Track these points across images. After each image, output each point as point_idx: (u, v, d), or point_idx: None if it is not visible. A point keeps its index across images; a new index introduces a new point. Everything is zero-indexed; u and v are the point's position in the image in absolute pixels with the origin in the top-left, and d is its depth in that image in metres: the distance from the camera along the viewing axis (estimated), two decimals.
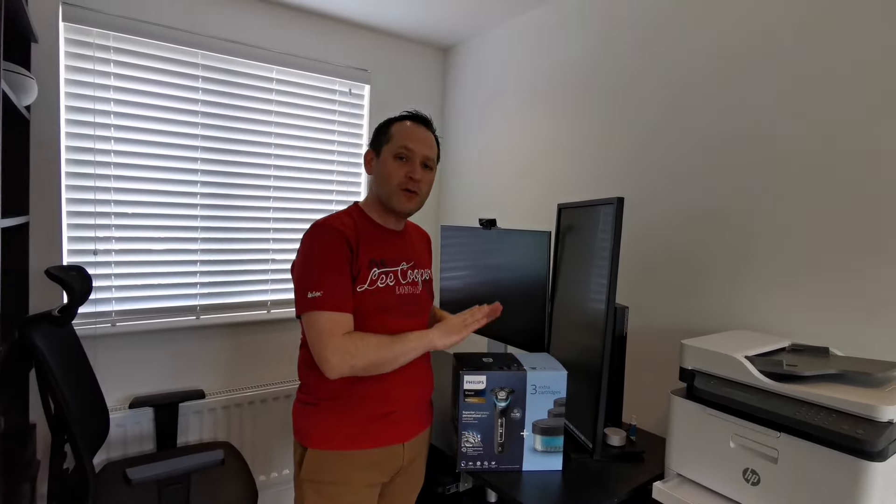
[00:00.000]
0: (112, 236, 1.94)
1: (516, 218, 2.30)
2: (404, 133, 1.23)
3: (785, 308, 1.38)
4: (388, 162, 1.22)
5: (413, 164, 1.22)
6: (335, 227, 1.17)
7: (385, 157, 1.23)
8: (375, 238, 1.24)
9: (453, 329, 1.20)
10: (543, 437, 1.31)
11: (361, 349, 1.10)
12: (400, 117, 1.28)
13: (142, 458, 1.87)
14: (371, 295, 1.18)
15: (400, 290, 1.24)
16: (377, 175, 1.25)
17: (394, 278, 1.23)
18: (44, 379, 1.44)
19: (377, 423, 1.20)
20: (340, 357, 1.08)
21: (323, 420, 1.20)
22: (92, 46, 1.85)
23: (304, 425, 1.22)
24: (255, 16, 2.17)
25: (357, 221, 1.23)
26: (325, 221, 1.19)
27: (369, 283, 1.18)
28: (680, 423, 1.19)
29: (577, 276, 1.52)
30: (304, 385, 1.26)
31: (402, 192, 1.22)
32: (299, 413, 1.25)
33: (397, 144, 1.22)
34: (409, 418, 1.26)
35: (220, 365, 2.20)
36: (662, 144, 1.68)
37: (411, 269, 1.29)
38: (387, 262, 1.23)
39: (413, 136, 1.23)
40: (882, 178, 1.21)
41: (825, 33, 1.30)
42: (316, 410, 1.21)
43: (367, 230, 1.23)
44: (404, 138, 1.23)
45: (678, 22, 1.63)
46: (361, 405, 1.19)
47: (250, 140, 2.21)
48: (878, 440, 0.86)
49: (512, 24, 2.30)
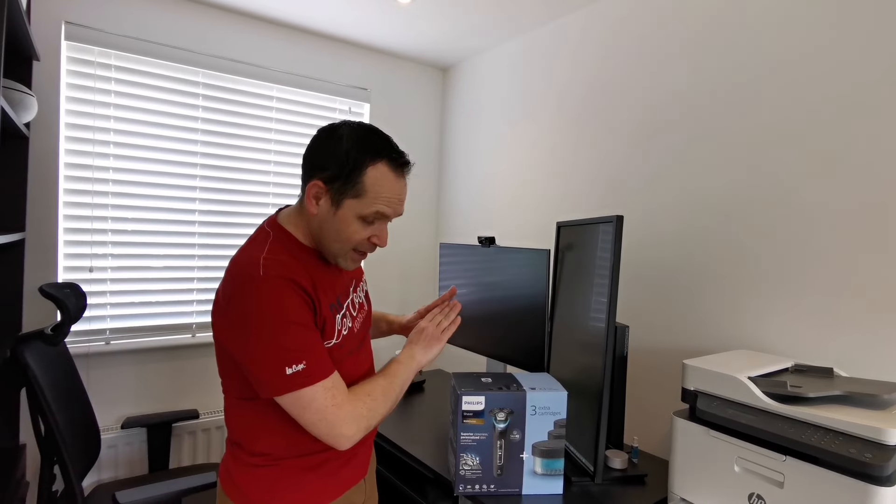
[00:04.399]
0: (108, 253, 1.93)
1: (515, 236, 2.29)
2: (383, 191, 0.94)
3: (787, 327, 1.36)
4: (349, 221, 0.94)
5: (382, 227, 0.99)
6: (286, 276, 0.89)
7: (346, 213, 0.94)
8: (325, 275, 1.00)
9: (432, 340, 1.10)
10: (543, 460, 1.28)
11: (372, 408, 0.96)
12: (376, 155, 0.93)
13: (133, 480, 1.83)
14: (338, 348, 0.99)
15: (356, 325, 1.07)
16: (328, 227, 0.96)
17: (350, 318, 1.05)
18: (35, 399, 1.42)
19: (346, 468, 1.05)
20: (355, 427, 0.92)
21: (287, 483, 0.97)
22: (93, 65, 1.86)
23: (260, 494, 0.96)
24: (256, 35, 2.19)
25: (301, 260, 0.96)
26: (266, 269, 0.88)
27: (336, 335, 0.98)
28: (683, 446, 1.17)
29: (576, 294, 1.50)
30: (251, 446, 0.97)
31: (354, 253, 0.99)
32: (250, 478, 0.97)
33: (370, 206, 0.93)
34: (367, 450, 1.13)
35: (214, 384, 2.16)
36: (662, 162, 1.68)
37: (354, 292, 1.11)
38: (341, 299, 1.03)
39: (393, 197, 0.96)
40: (885, 196, 1.20)
41: (827, 52, 1.31)
42: (276, 473, 0.97)
43: (316, 269, 0.98)
44: (382, 200, 0.94)
45: (676, 40, 1.65)
46: (332, 452, 1.01)
47: (250, 158, 2.22)
48: (886, 464, 0.84)
49: (510, 44, 2.33)
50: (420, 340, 1.10)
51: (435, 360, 1.15)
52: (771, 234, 1.40)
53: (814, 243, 1.32)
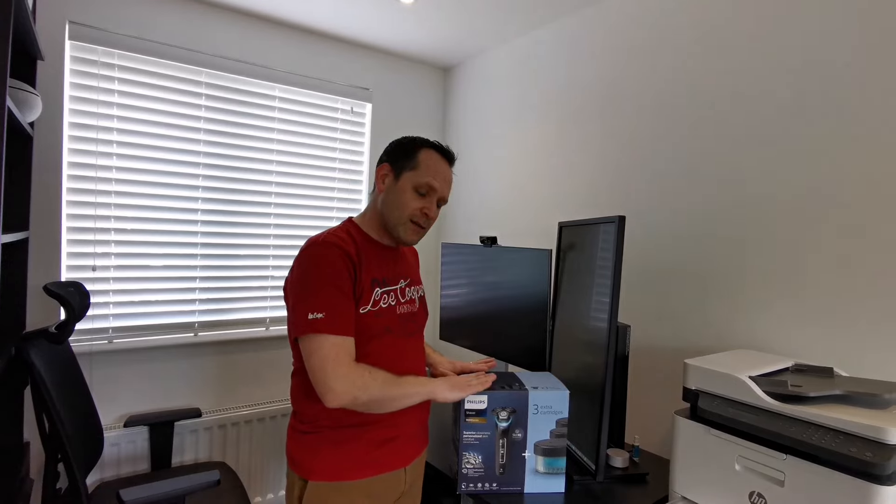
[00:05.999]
0: (111, 252, 1.93)
1: (517, 236, 2.30)
2: (433, 168, 1.18)
3: (788, 327, 1.37)
4: (406, 190, 1.16)
5: (431, 201, 1.18)
6: (337, 244, 1.10)
7: (404, 184, 1.17)
8: (375, 256, 1.19)
9: (458, 386, 1.21)
10: (545, 459, 1.29)
11: (369, 383, 1.05)
12: (429, 144, 1.21)
13: (136, 478, 1.83)
14: (374, 316, 1.13)
15: (400, 309, 1.21)
16: (390, 198, 1.18)
17: (394, 297, 1.20)
18: (39, 397, 1.42)
19: (382, 449, 1.15)
20: (346, 387, 1.03)
21: (327, 450, 1.12)
22: (97, 64, 1.87)
23: (305, 457, 1.14)
24: (259, 35, 2.20)
25: (356, 239, 1.17)
26: (325, 238, 1.12)
27: (372, 303, 1.13)
28: (684, 445, 1.18)
29: (578, 294, 1.51)
30: (301, 414, 1.17)
31: (411, 224, 1.17)
32: (297, 444, 1.16)
33: (423, 178, 1.16)
34: (411, 441, 1.23)
35: (217, 383, 2.17)
36: (663, 163, 1.69)
37: (408, 287, 1.27)
38: (388, 281, 1.19)
39: (440, 175, 1.19)
40: (885, 196, 1.21)
41: (827, 52, 1.32)
42: (318, 440, 1.13)
43: (367, 248, 1.18)
44: (431, 174, 1.17)
45: (677, 40, 1.65)
46: (368, 431, 1.14)
47: (252, 157, 2.22)
48: (887, 463, 0.84)
49: (512, 45, 2.33)
50: (450, 380, 1.23)
51: (446, 401, 1.22)
52: (772, 234, 1.41)
53: (814, 243, 1.32)
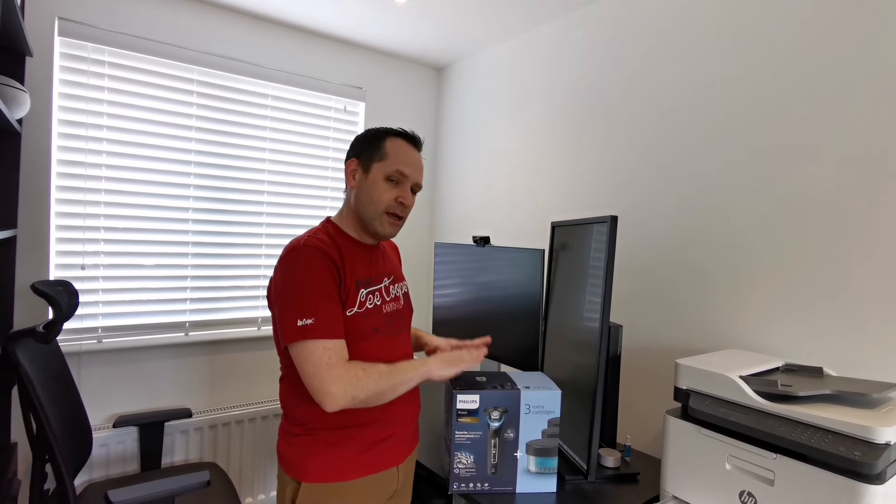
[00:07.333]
0: (101, 251, 1.91)
1: (510, 235, 2.30)
2: (401, 155, 1.17)
3: (778, 327, 1.38)
4: (378, 182, 1.15)
5: (405, 189, 1.18)
6: (319, 247, 1.09)
7: (375, 176, 1.16)
8: (357, 257, 1.18)
9: (452, 361, 1.19)
10: (537, 458, 1.29)
11: (364, 380, 1.05)
12: (393, 132, 1.20)
13: (125, 479, 1.81)
14: (361, 318, 1.13)
15: (386, 307, 1.21)
16: (363, 193, 1.17)
17: (380, 297, 1.19)
18: (27, 397, 1.40)
19: (375, 449, 1.15)
20: (343, 389, 1.02)
21: (320, 452, 1.12)
22: (87, 61, 1.85)
23: (298, 459, 1.13)
24: (251, 33, 2.19)
25: (337, 241, 1.15)
26: (306, 242, 1.10)
27: (358, 305, 1.13)
28: (675, 444, 1.18)
29: (571, 294, 1.51)
30: (292, 418, 1.16)
31: (387, 216, 1.17)
32: (290, 446, 1.15)
33: (392, 166, 1.15)
34: (403, 439, 1.23)
35: (207, 383, 2.16)
36: (656, 163, 1.69)
37: (392, 285, 1.26)
38: (371, 281, 1.19)
39: (409, 161, 1.17)
40: (875, 198, 1.22)
41: (828, 52, 1.33)
42: (311, 442, 1.12)
43: (349, 249, 1.16)
44: (400, 161, 1.16)
45: (672, 40, 1.66)
46: (361, 432, 1.14)
47: (244, 156, 2.21)
48: (876, 462, 0.85)
49: (506, 44, 2.33)
50: (442, 356, 1.21)
51: (442, 379, 1.20)
52: (761, 235, 1.42)
53: (804, 244, 1.33)
